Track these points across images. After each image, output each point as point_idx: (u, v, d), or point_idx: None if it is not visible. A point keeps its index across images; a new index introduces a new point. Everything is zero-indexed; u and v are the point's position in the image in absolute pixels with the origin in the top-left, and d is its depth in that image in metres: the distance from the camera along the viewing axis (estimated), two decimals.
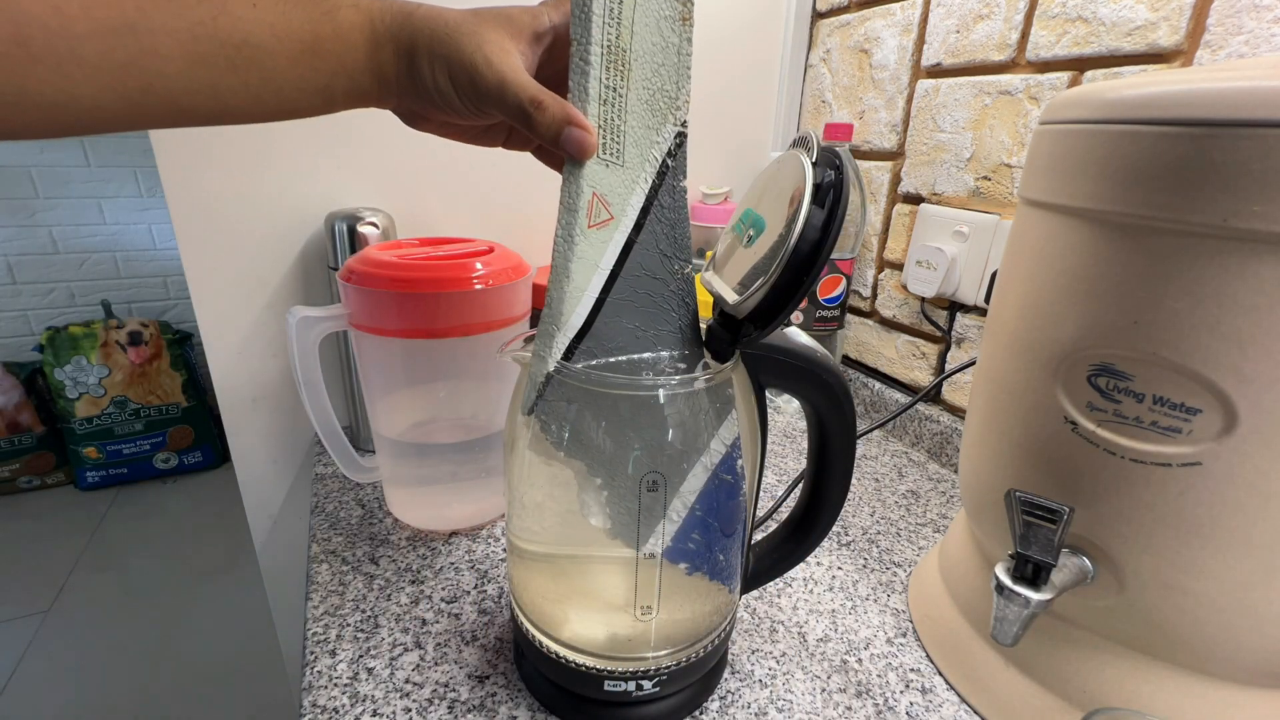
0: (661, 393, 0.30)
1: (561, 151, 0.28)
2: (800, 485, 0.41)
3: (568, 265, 0.29)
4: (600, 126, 0.28)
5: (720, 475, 0.31)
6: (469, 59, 0.27)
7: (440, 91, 0.28)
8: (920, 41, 0.68)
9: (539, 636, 0.36)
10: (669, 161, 0.29)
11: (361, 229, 0.60)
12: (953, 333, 0.69)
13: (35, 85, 0.21)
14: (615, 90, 0.27)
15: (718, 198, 0.84)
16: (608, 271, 0.29)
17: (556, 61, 0.31)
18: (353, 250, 0.60)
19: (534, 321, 0.62)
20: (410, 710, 0.37)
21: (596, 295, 0.29)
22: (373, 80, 0.28)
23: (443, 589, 0.47)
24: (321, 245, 0.65)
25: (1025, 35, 0.57)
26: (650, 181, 0.29)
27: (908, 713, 0.39)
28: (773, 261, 0.27)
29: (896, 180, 0.74)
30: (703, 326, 0.33)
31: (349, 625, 0.43)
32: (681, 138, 0.29)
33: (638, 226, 0.29)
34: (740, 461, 0.31)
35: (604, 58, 0.27)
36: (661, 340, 0.32)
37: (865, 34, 0.75)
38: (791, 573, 0.50)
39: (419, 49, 0.27)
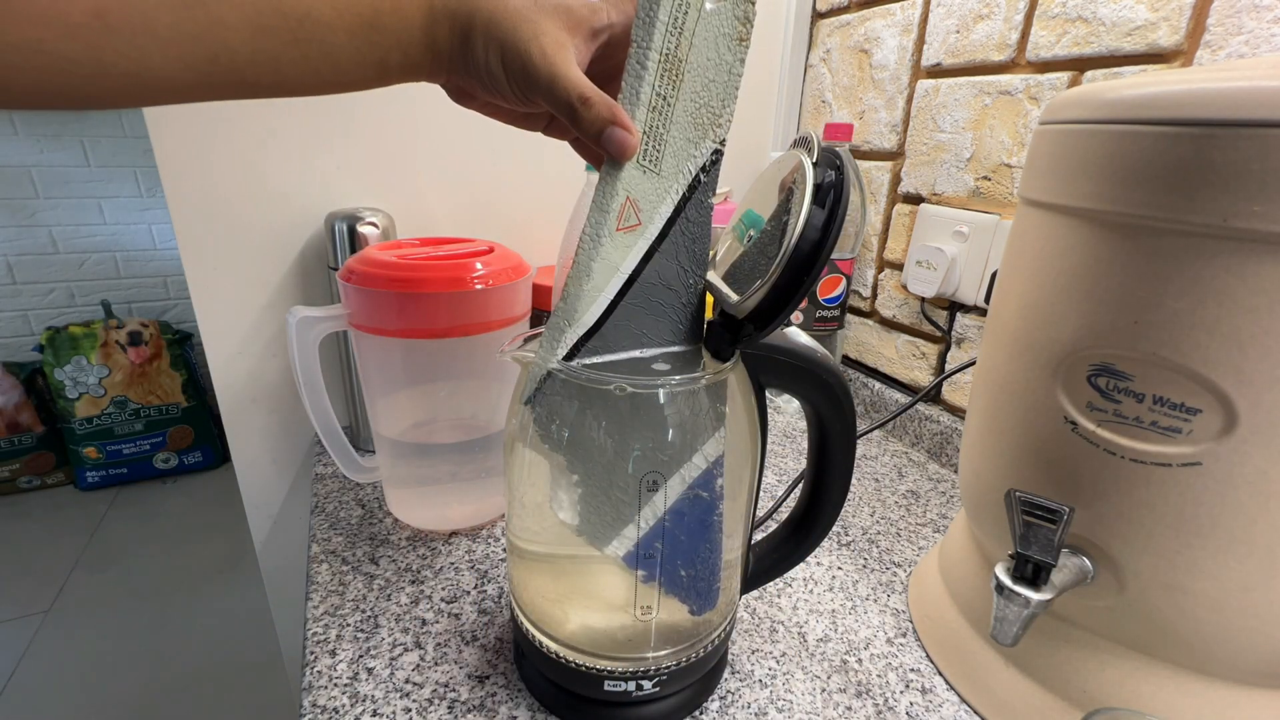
0: (660, 393, 0.30)
1: (602, 150, 0.28)
2: (800, 485, 0.41)
3: (590, 264, 0.29)
4: (644, 132, 0.28)
5: (696, 490, 0.31)
6: (524, 47, 0.27)
7: (491, 74, 0.28)
8: (920, 41, 0.68)
9: (539, 636, 0.36)
10: (702, 176, 0.30)
11: (361, 229, 0.60)
12: (953, 333, 0.69)
13: (112, 56, 0.22)
14: (665, 99, 0.28)
15: (718, 198, 0.84)
16: (626, 275, 0.29)
17: (608, 59, 0.31)
18: (353, 250, 0.60)
19: (534, 322, 0.62)
20: (410, 710, 0.37)
21: (611, 297, 0.30)
22: (427, 56, 0.28)
23: (443, 589, 0.47)
24: (321, 245, 0.65)
25: (1025, 35, 0.57)
26: (681, 194, 0.29)
27: (908, 713, 0.39)
28: (767, 261, 0.27)
29: (896, 180, 0.74)
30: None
31: (349, 625, 0.43)
32: (718, 155, 0.29)
33: (662, 236, 0.30)
34: (720, 481, 0.31)
35: (660, 65, 0.27)
36: (664, 345, 0.32)
37: (865, 34, 0.75)
38: (791, 573, 0.50)
39: (475, 29, 0.27)
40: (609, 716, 0.37)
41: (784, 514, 0.42)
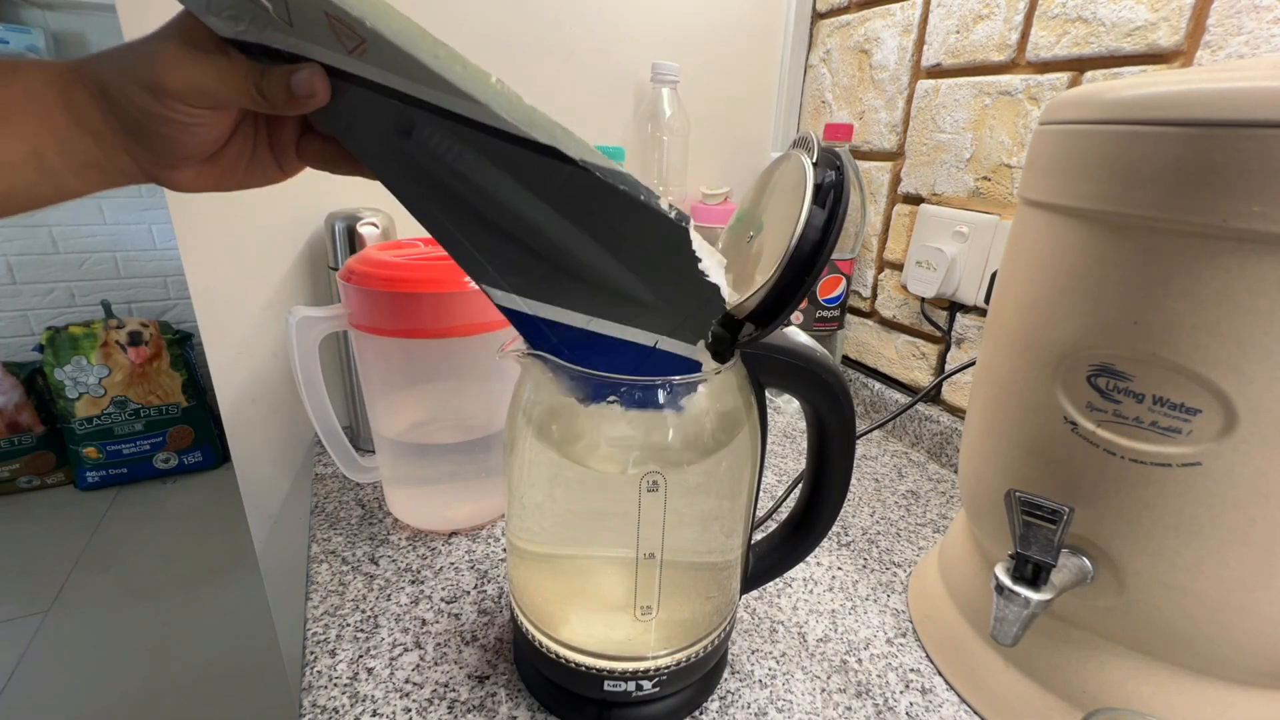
0: (661, 394, 0.30)
1: (294, 103, 0.26)
2: (800, 485, 0.41)
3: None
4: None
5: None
6: (158, 57, 0.24)
7: (146, 110, 0.25)
8: (920, 42, 0.68)
9: (539, 636, 0.36)
10: None
11: (361, 229, 0.60)
12: (953, 333, 0.69)
13: None
14: None
15: (718, 198, 0.84)
16: None
17: None
18: (353, 250, 0.60)
19: None
20: (410, 710, 0.37)
21: None
22: (79, 131, 0.25)
23: (443, 589, 0.47)
24: (321, 245, 0.65)
25: (1025, 36, 0.57)
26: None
27: (908, 713, 0.39)
28: (767, 262, 0.27)
29: (896, 180, 0.74)
30: None
31: (349, 625, 0.43)
32: None
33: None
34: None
35: None
36: None
37: (865, 34, 0.75)
38: (791, 573, 0.50)
39: (109, 79, 0.25)
40: (609, 716, 0.37)
41: (784, 514, 0.42)
